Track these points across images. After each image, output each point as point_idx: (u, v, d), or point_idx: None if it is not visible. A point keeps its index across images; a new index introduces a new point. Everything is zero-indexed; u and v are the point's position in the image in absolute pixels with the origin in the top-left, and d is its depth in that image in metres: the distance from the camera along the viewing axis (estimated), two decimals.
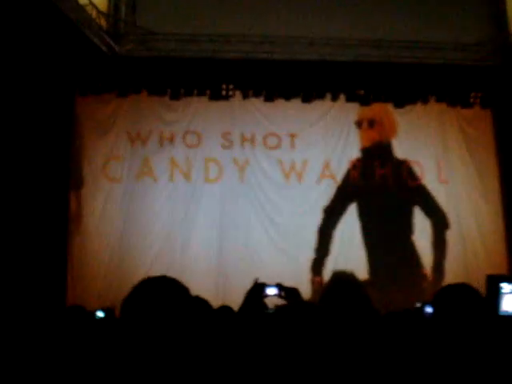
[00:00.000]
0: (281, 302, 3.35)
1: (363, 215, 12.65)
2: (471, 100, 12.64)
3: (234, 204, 12.46)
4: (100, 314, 8.06)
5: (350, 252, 12.32)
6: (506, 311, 5.67)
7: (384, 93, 12.49)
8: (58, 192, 11.34)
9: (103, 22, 10.76)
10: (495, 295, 5.65)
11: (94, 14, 10.22)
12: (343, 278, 2.83)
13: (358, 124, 12.88)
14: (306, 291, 10.83)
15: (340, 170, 12.77)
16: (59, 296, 10.84)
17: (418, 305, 9.31)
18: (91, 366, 2.17)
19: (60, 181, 11.40)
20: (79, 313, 6.56)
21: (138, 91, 12.18)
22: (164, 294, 1.99)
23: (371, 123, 12.92)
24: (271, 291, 3.52)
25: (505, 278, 5.98)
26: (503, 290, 5.72)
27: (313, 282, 11.86)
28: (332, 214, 12.60)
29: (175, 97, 12.23)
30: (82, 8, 9.73)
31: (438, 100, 12.71)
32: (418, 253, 12.54)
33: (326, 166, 12.74)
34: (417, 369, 2.53)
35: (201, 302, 3.79)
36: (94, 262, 11.91)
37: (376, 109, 12.81)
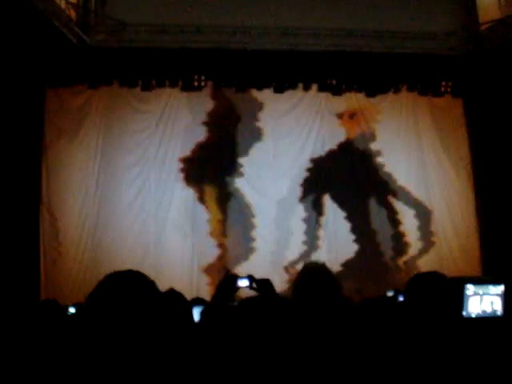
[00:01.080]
0: (253, 293, 3.35)
1: (335, 205, 12.70)
2: (442, 89, 12.74)
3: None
4: (71, 309, 7.95)
5: (322, 242, 12.38)
6: (472, 312, 5.74)
7: (356, 82, 12.52)
8: (29, 184, 11.20)
9: (73, 13, 10.62)
10: (460, 298, 5.66)
11: (63, 4, 10.08)
12: (314, 269, 2.84)
13: (338, 115, 12.88)
14: (280, 282, 10.86)
15: (313, 160, 12.79)
16: (33, 289, 10.74)
17: (390, 294, 9.40)
18: (57, 362, 2.14)
19: (31, 172, 11.26)
20: (52, 307, 6.52)
21: (110, 82, 12.09)
22: (129, 289, 1.96)
23: (350, 115, 12.94)
24: (243, 283, 3.52)
25: (467, 280, 6.02)
26: (467, 292, 5.78)
27: (287, 273, 11.89)
28: (305, 205, 12.61)
29: (147, 88, 12.15)
30: None
31: (410, 89, 12.79)
32: (391, 243, 12.62)
33: (298, 155, 12.75)
34: (389, 355, 2.55)
35: (175, 295, 3.78)
36: (67, 256, 11.82)
37: (344, 101, 12.83)
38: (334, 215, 12.66)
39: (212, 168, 12.55)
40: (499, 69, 11.63)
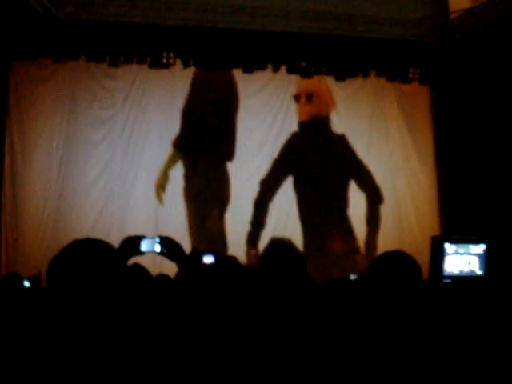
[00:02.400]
0: None
1: (299, 188, 12.74)
2: (410, 76, 12.80)
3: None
4: (26, 283, 7.74)
5: (286, 225, 12.41)
6: (450, 272, 5.80)
7: (325, 65, 12.51)
8: None
9: None
10: (439, 256, 5.75)
11: None
12: (280, 244, 2.84)
13: (296, 98, 12.90)
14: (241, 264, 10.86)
15: (278, 143, 12.79)
16: None
17: (353, 277, 9.47)
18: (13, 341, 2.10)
19: None
20: (13, 281, 6.44)
21: (76, 57, 11.86)
22: (91, 257, 1.92)
23: (309, 97, 12.96)
24: (208, 259, 3.47)
25: (448, 238, 6.06)
26: (447, 251, 5.83)
27: (248, 255, 11.88)
28: (268, 187, 12.64)
29: (114, 63, 11.97)
30: None
31: (378, 74, 12.83)
32: (352, 226, 12.73)
33: (265, 137, 12.75)
34: (352, 336, 2.56)
35: (139, 270, 3.75)
36: (28, 234, 11.67)
37: (314, 82, 12.84)
38: (294, 199, 12.70)
39: (177, 147, 12.45)
40: (467, 58, 11.73)
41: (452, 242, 5.91)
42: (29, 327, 1.93)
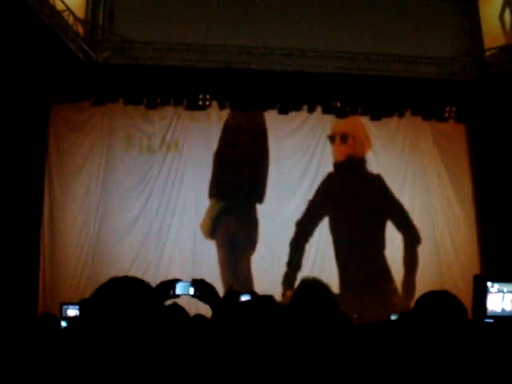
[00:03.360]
0: None
1: (335, 229, 12.66)
2: (446, 114, 12.72)
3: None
4: (63, 323, 7.81)
5: (323, 266, 12.33)
6: (493, 310, 5.69)
7: (360, 105, 12.51)
8: (31, 202, 11.13)
9: (80, 29, 10.67)
10: (482, 295, 5.67)
11: (71, 20, 10.11)
12: (311, 284, 2.82)
13: (331, 138, 12.91)
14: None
15: (314, 184, 12.78)
16: (31, 300, 10.67)
17: (394, 317, 9.29)
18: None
19: (33, 189, 11.20)
20: (50, 321, 6.46)
21: (115, 100, 12.08)
22: (129, 295, 1.90)
23: (344, 138, 12.96)
24: (245, 299, 3.45)
25: (491, 277, 5.98)
26: (491, 289, 5.74)
27: (284, 296, 11.78)
28: (304, 228, 12.59)
29: (151, 106, 12.15)
30: (59, 14, 9.62)
31: (414, 113, 12.79)
32: (390, 267, 12.56)
33: (301, 178, 12.74)
34: (395, 377, 2.51)
35: (177, 309, 3.74)
36: (65, 275, 11.77)
37: (349, 123, 12.86)
38: (330, 240, 12.63)
39: (215, 188, 12.51)
40: (503, 95, 11.66)
41: (494, 280, 5.82)
42: (65, 367, 1.93)
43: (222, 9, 11.63)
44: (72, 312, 8.75)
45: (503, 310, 5.70)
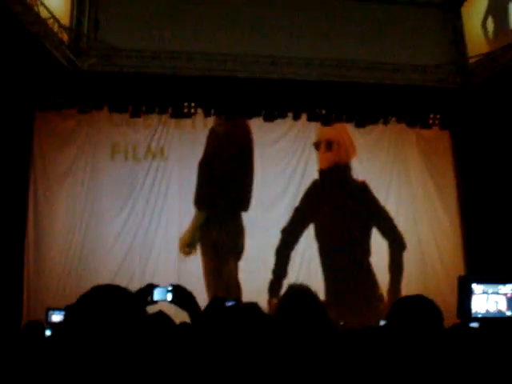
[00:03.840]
0: None
1: (321, 236, 12.69)
2: (430, 121, 12.81)
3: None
4: (48, 332, 7.79)
5: (308, 273, 12.32)
6: (477, 312, 5.71)
7: (345, 113, 12.56)
8: (17, 203, 11.10)
9: (65, 37, 10.64)
10: (467, 296, 5.68)
11: (55, 27, 10.09)
12: (298, 290, 2.82)
13: (316, 145, 12.94)
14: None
15: (300, 191, 12.81)
16: (15, 308, 10.61)
17: (383, 322, 9.31)
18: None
19: (16, 196, 11.13)
20: (35, 330, 6.43)
21: (100, 107, 12.04)
22: (110, 303, 1.89)
23: (329, 145, 12.99)
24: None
25: (475, 278, 5.99)
26: (475, 291, 5.76)
27: (270, 304, 11.74)
28: (289, 236, 12.60)
29: (136, 114, 12.12)
30: (43, 21, 9.59)
31: (398, 120, 12.86)
32: (375, 273, 12.59)
33: (286, 186, 12.76)
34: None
35: (162, 317, 3.73)
36: (52, 271, 11.74)
37: (334, 130, 12.89)
38: (315, 247, 12.64)
39: (200, 196, 12.50)
40: (487, 102, 11.75)
41: (479, 281, 5.84)
42: (48, 375, 1.91)
43: (206, 17, 11.63)
44: (57, 317, 8.76)
45: (487, 311, 5.73)
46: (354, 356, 2.60)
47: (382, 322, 9.19)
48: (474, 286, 5.78)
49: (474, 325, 5.62)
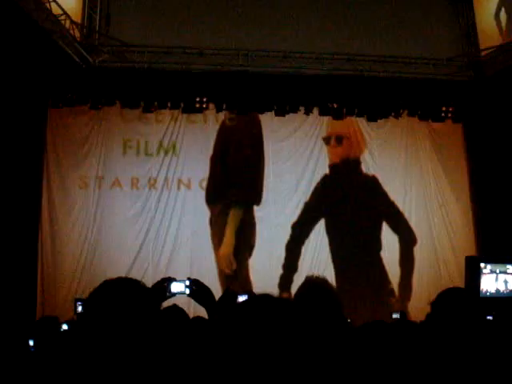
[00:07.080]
0: None
1: (331, 231, 12.67)
2: (442, 114, 12.72)
3: (206, 217, 12.45)
4: (64, 326, 7.85)
5: (319, 268, 12.29)
6: (487, 291, 5.69)
7: (357, 106, 12.50)
8: (30, 199, 11.19)
9: (77, 33, 10.69)
10: (475, 276, 5.67)
11: (67, 24, 10.13)
12: (316, 283, 2.82)
13: (326, 140, 12.91)
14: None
15: (311, 186, 12.79)
16: (29, 304, 10.67)
17: (396, 316, 9.30)
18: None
19: (30, 193, 11.21)
20: (50, 324, 6.49)
21: (112, 103, 12.07)
22: (123, 297, 1.90)
23: (339, 139, 12.96)
24: (242, 299, 3.45)
25: (483, 258, 5.98)
26: (483, 270, 5.74)
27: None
28: (300, 230, 12.60)
29: (148, 109, 12.13)
30: (55, 18, 9.65)
31: (410, 114, 12.77)
32: (386, 268, 12.57)
33: (297, 180, 12.76)
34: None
35: (177, 311, 3.75)
36: (65, 271, 11.80)
37: (344, 124, 12.85)
38: (326, 241, 12.65)
39: (212, 191, 12.53)
40: (499, 95, 11.69)
41: (487, 261, 5.83)
42: (63, 369, 1.94)
43: (218, 12, 11.65)
44: None
45: (497, 290, 5.71)
46: (370, 350, 2.61)
47: (395, 316, 9.20)
48: (483, 265, 5.76)
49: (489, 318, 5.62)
